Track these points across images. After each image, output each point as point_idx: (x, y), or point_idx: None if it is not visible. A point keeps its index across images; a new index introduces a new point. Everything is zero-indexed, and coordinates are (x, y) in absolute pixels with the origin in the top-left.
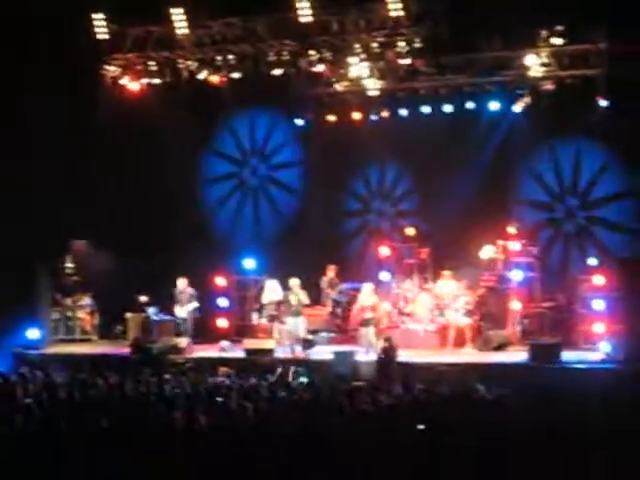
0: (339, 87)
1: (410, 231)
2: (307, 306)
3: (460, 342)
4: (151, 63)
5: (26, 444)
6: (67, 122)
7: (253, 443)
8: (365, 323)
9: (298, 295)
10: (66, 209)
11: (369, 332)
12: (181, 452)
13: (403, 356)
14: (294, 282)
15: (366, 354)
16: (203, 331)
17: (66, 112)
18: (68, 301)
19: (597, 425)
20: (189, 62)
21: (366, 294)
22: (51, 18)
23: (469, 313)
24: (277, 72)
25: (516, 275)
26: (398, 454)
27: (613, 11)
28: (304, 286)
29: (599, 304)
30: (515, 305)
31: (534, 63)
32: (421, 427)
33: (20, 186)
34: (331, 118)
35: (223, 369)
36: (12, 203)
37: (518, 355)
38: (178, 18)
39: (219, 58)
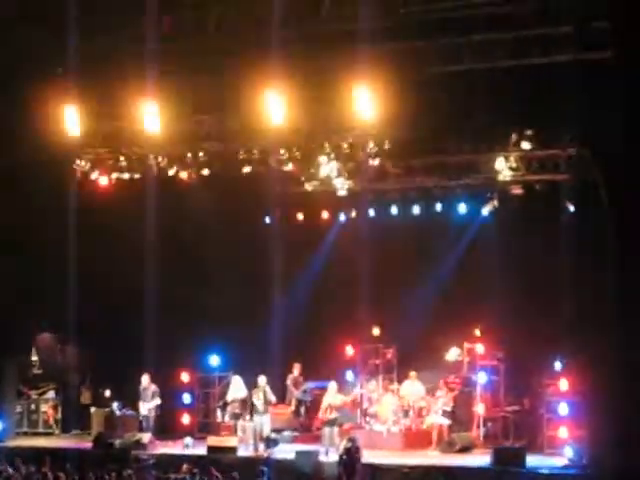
0: (308, 186)
1: (376, 331)
2: (271, 404)
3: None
4: (121, 158)
5: None
6: (34, 212)
7: None
8: (329, 423)
9: (265, 393)
10: (32, 302)
11: (333, 432)
12: None
13: (367, 457)
14: (262, 380)
15: (326, 454)
16: (167, 427)
17: (34, 201)
18: (32, 394)
19: None
20: (159, 158)
21: (331, 393)
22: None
23: (447, 414)
24: (247, 170)
25: (481, 378)
26: None
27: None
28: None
29: (564, 409)
30: (480, 408)
31: (503, 167)
32: None
33: None
34: (299, 216)
35: (186, 466)
36: None
37: (482, 458)
38: (149, 115)
39: (189, 155)
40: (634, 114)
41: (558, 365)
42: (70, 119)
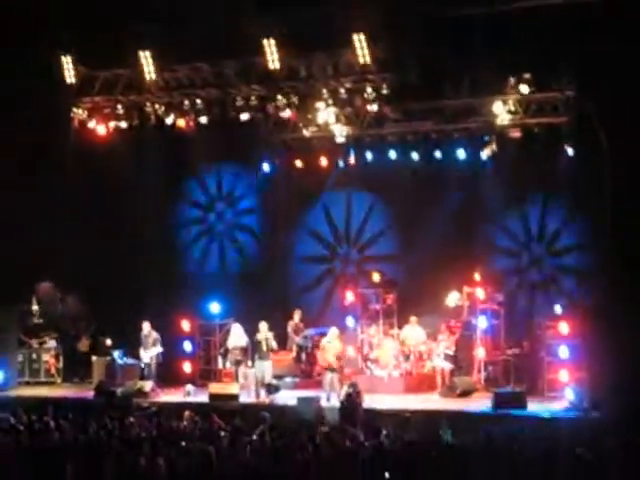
0: (306, 133)
1: (376, 277)
2: (273, 351)
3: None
4: (119, 106)
5: None
6: (34, 164)
7: None
8: (329, 368)
9: (268, 339)
10: (32, 251)
11: (333, 377)
12: None
13: (368, 402)
14: (263, 326)
15: (327, 400)
16: (168, 375)
17: (33, 154)
18: (33, 343)
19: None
20: (156, 106)
21: (330, 339)
22: (20, 59)
23: (449, 358)
24: (245, 117)
25: (481, 322)
26: None
27: (579, 58)
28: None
29: (564, 351)
30: (480, 352)
31: (501, 110)
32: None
33: None
34: (298, 163)
35: (187, 414)
36: None
37: (482, 402)
38: (146, 62)
39: (186, 102)
40: (631, 55)
41: (558, 308)
42: (67, 67)
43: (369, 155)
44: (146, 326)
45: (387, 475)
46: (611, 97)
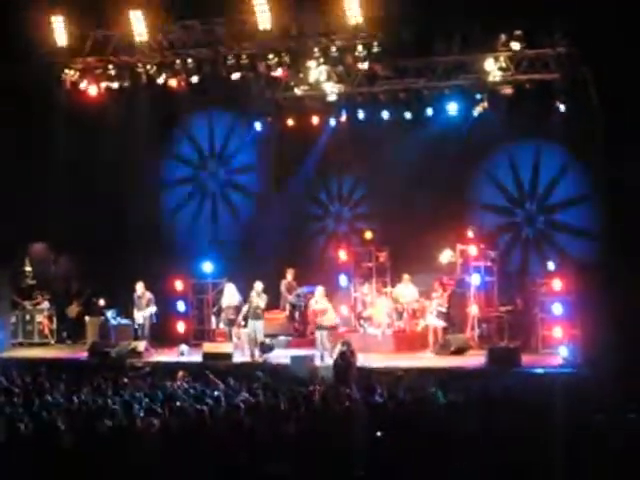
0: (298, 91)
1: (368, 235)
2: (265, 310)
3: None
4: (110, 67)
5: None
6: (29, 126)
7: (210, 446)
8: (319, 327)
9: (259, 298)
10: (24, 212)
11: (323, 336)
12: (138, 455)
13: (362, 360)
14: (258, 286)
15: (320, 359)
16: (161, 335)
17: (22, 115)
18: (27, 304)
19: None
20: (148, 66)
21: (317, 298)
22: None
23: (442, 315)
24: (236, 76)
25: (474, 279)
26: None
27: (571, 15)
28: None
29: (558, 308)
30: (473, 309)
31: (493, 67)
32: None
33: None
34: (290, 122)
35: (181, 373)
36: None
37: (476, 359)
38: (137, 22)
39: (177, 62)
40: (622, 11)
41: (551, 265)
42: (57, 28)
43: (361, 113)
44: (139, 286)
45: (379, 433)
46: (604, 53)
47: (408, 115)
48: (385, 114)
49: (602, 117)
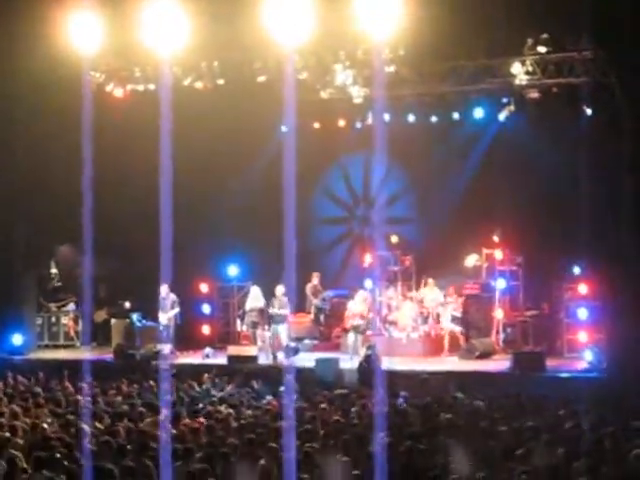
0: (324, 94)
1: (394, 239)
2: (290, 313)
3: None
4: (136, 69)
5: None
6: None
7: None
8: (353, 330)
9: (281, 303)
10: (52, 214)
11: (356, 339)
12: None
13: (387, 363)
14: (280, 290)
15: (350, 361)
16: (187, 337)
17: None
18: (52, 306)
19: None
20: (174, 68)
21: (357, 301)
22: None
23: (456, 320)
24: (262, 79)
25: (500, 283)
26: None
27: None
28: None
29: (583, 313)
30: (498, 313)
31: (519, 71)
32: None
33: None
34: (316, 125)
35: (206, 376)
36: None
37: (501, 364)
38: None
39: (204, 64)
40: None
41: (577, 269)
42: (84, 32)
43: (387, 116)
44: (163, 289)
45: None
46: (631, 57)
47: (434, 119)
48: (411, 117)
49: (629, 121)
